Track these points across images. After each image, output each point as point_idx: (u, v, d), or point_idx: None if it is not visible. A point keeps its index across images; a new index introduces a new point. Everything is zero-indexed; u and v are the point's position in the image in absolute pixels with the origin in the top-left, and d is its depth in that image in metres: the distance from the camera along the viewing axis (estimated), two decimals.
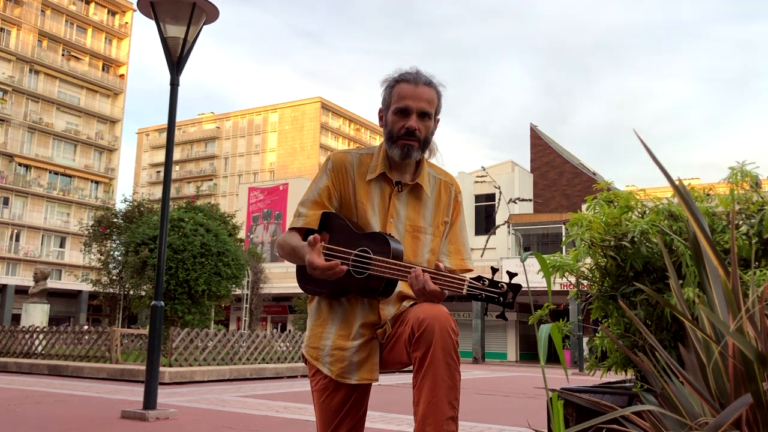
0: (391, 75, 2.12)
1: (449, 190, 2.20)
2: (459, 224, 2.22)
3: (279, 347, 13.73)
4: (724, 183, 2.84)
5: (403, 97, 2.05)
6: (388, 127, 2.08)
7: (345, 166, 2.12)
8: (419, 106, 2.04)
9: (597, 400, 1.57)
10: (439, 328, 1.80)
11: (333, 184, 2.11)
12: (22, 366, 12.37)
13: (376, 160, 2.13)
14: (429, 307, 1.85)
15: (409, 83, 2.06)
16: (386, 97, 2.11)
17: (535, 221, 36.68)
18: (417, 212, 2.12)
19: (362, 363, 2.00)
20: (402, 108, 2.04)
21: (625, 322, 2.77)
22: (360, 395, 2.06)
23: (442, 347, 1.79)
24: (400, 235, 2.08)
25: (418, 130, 2.04)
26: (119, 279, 19.89)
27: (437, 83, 2.11)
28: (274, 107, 78.80)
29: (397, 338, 1.96)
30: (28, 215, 52.10)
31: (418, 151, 2.07)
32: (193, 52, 6.38)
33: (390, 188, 2.11)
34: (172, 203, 25.75)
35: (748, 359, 1.16)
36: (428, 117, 2.07)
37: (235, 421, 5.68)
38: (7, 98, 51.73)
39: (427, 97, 2.06)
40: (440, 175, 2.22)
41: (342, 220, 2.09)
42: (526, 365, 27.72)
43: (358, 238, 2.03)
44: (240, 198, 49.38)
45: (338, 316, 2.06)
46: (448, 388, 1.79)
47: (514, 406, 7.69)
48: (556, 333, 1.40)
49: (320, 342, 2.07)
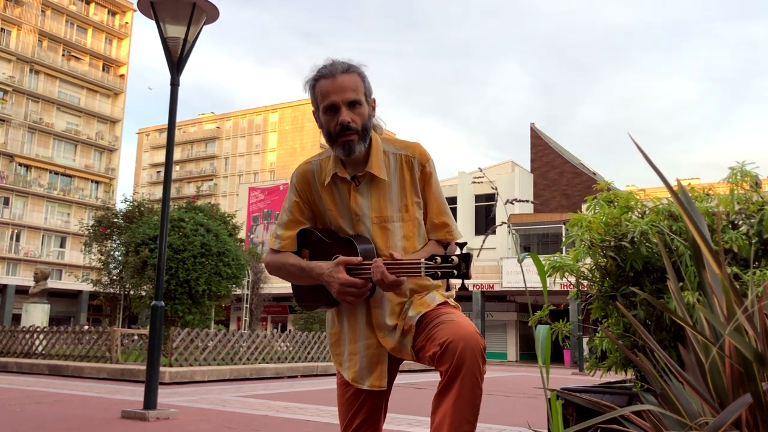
0: (309, 75, 2.06)
1: (411, 163, 2.08)
2: (434, 195, 2.11)
3: (279, 347, 13.74)
4: (724, 183, 2.84)
5: (325, 94, 1.99)
6: (324, 127, 2.03)
7: (306, 177, 2.12)
8: (344, 98, 1.98)
9: (597, 400, 1.57)
10: (467, 345, 1.81)
11: (301, 198, 2.12)
12: (23, 366, 12.37)
13: (330, 163, 2.09)
14: (455, 326, 1.86)
15: (326, 78, 2.00)
16: (313, 100, 2.06)
17: (535, 221, 36.67)
18: (382, 200, 2.06)
19: (372, 369, 2.04)
20: (328, 105, 1.99)
21: (625, 322, 2.77)
22: (371, 397, 2.10)
23: (468, 365, 1.80)
24: (368, 231, 2.05)
25: (352, 121, 1.98)
26: (119, 279, 19.89)
27: (357, 65, 2.04)
28: (274, 107, 78.79)
29: (422, 349, 1.96)
30: (28, 215, 52.11)
31: (359, 143, 2.00)
32: (193, 52, 6.39)
33: (347, 186, 2.07)
34: (173, 203, 25.75)
35: (747, 359, 1.16)
36: (358, 104, 2.00)
37: (235, 421, 5.68)
38: (8, 98, 51.74)
39: (350, 85, 1.99)
40: (400, 149, 2.09)
41: (313, 233, 2.12)
42: (526, 365, 27.72)
43: (329, 247, 2.06)
44: (240, 198, 49.38)
45: (345, 321, 2.11)
46: (468, 404, 1.80)
47: (514, 406, 7.69)
48: (547, 335, 1.41)
49: (339, 348, 2.12)
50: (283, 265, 2.12)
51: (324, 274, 1.99)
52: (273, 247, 2.15)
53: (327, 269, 1.99)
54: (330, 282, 1.97)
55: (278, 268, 2.14)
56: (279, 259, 2.13)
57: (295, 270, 2.09)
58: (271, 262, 2.15)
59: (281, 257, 2.13)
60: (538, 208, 41.18)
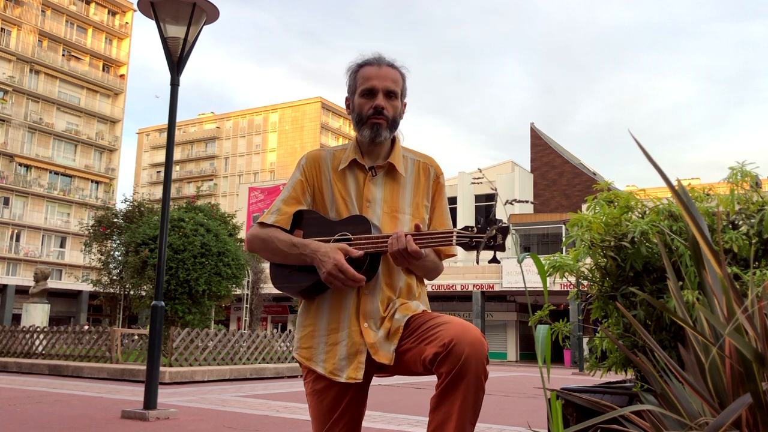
0: (354, 61, 2.11)
1: (428, 171, 2.15)
2: (441, 207, 2.17)
3: (279, 347, 13.73)
4: (724, 183, 2.84)
5: (367, 78, 2.05)
6: (356, 110, 2.07)
7: (318, 161, 2.12)
8: (385, 85, 2.04)
9: (597, 400, 1.57)
10: (472, 350, 1.76)
11: (306, 179, 2.10)
12: (23, 366, 12.38)
13: (348, 151, 2.12)
14: (460, 327, 1.81)
15: (372, 65, 2.06)
16: (351, 83, 2.10)
17: (535, 221, 36.67)
18: (395, 194, 2.08)
19: (350, 360, 1.95)
20: (368, 89, 2.04)
21: (625, 322, 2.77)
22: (354, 396, 2.01)
23: (474, 371, 1.76)
24: (377, 218, 2.04)
25: (385, 108, 2.03)
26: (119, 279, 19.88)
27: (401, 65, 2.11)
28: (274, 107, 78.81)
29: (413, 352, 1.90)
30: (28, 215, 52.11)
31: (387, 130, 2.05)
32: (193, 52, 6.39)
33: (363, 174, 2.08)
34: (173, 203, 25.73)
35: (747, 359, 1.16)
36: (395, 96, 2.06)
37: (235, 421, 5.68)
38: (8, 98, 51.73)
39: (392, 76, 2.06)
40: (419, 157, 2.18)
41: (314, 213, 2.09)
42: (526, 365, 27.71)
43: (334, 225, 2.03)
44: (240, 198, 49.39)
45: (325, 309, 2.02)
46: (471, 409, 1.78)
47: (513, 406, 7.69)
48: (547, 335, 1.41)
49: (313, 340, 2.03)
50: (271, 238, 2.03)
51: (319, 252, 1.93)
52: (265, 221, 2.07)
53: (323, 248, 1.94)
54: (324, 261, 1.91)
55: (264, 240, 2.05)
56: (267, 232, 2.05)
57: (284, 246, 2.01)
58: (257, 234, 2.06)
59: (270, 231, 2.05)
60: (538, 208, 41.19)
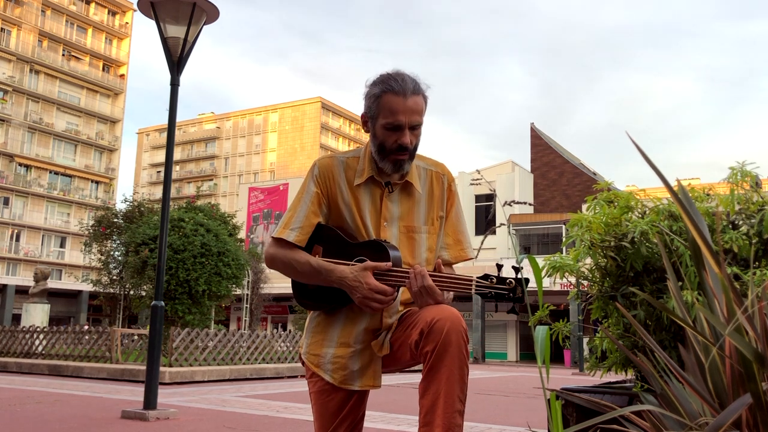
0: (376, 82, 2.00)
1: (441, 180, 2.14)
2: (455, 214, 2.17)
3: (279, 347, 13.73)
4: (724, 183, 2.84)
5: (393, 111, 1.95)
6: (379, 140, 2.00)
7: (332, 171, 2.06)
8: (411, 120, 1.96)
9: (597, 400, 1.57)
10: (452, 325, 1.79)
11: (321, 190, 2.04)
12: (23, 366, 12.37)
13: (363, 163, 2.06)
14: (440, 308, 1.84)
15: (397, 95, 1.95)
16: (373, 108, 2.00)
17: (535, 221, 36.68)
18: (411, 211, 2.07)
19: (364, 370, 1.98)
20: (395, 124, 1.95)
21: (625, 322, 2.77)
22: (359, 398, 2.04)
23: (455, 342, 1.78)
24: (394, 238, 2.02)
25: (410, 143, 1.98)
26: (119, 279, 19.89)
27: (423, 87, 2.02)
28: (274, 107, 78.83)
29: (402, 341, 1.94)
30: (28, 215, 52.11)
31: (408, 163, 2.01)
32: (193, 52, 6.39)
33: (380, 190, 2.05)
34: (173, 203, 25.75)
35: (747, 359, 1.16)
36: (419, 127, 2.00)
37: (235, 421, 5.68)
38: (8, 98, 51.73)
39: (418, 108, 1.98)
40: (431, 165, 2.15)
41: (333, 231, 2.03)
42: (526, 365, 27.71)
43: (353, 248, 1.99)
44: (240, 198, 49.38)
45: (340, 323, 2.03)
46: (458, 382, 1.78)
47: (514, 406, 7.69)
48: (546, 336, 1.41)
49: (321, 349, 2.04)
50: (291, 261, 1.99)
51: (347, 278, 1.91)
52: (285, 238, 2.00)
53: (351, 273, 1.91)
54: (356, 287, 1.89)
55: (285, 263, 2.00)
56: (288, 254, 2.00)
57: (306, 269, 1.97)
58: (277, 255, 2.01)
59: (291, 252, 2.00)
60: (538, 208, 41.19)
